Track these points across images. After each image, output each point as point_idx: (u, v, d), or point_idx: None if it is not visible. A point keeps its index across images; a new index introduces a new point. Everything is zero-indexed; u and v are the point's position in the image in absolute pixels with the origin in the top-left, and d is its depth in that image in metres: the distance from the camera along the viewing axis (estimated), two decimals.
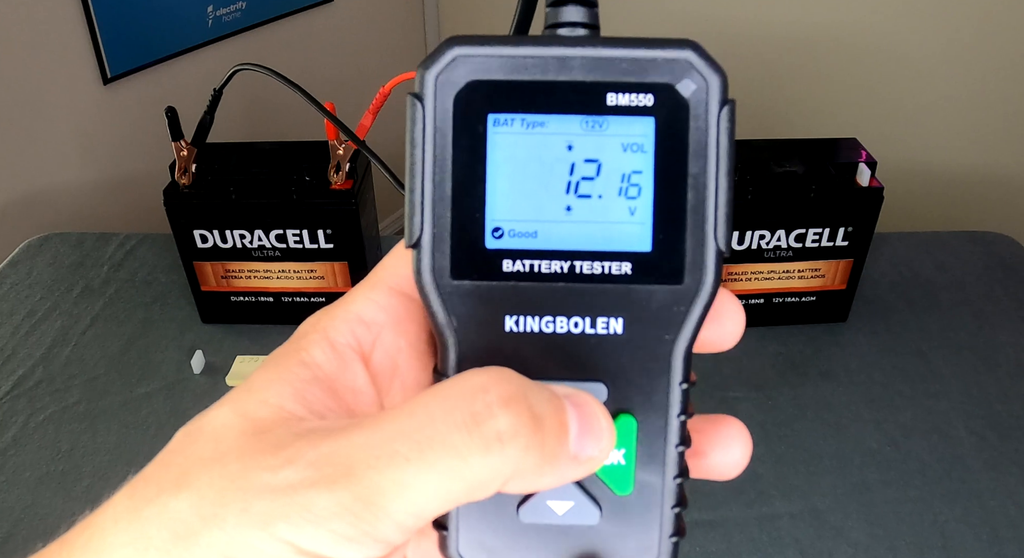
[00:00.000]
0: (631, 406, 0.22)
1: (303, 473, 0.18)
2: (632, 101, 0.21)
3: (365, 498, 0.18)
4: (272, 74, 0.69)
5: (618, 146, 0.21)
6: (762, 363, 0.79)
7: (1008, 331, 0.82)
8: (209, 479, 0.19)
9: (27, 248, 0.96)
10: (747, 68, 1.67)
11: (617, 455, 0.22)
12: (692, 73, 0.21)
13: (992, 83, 1.56)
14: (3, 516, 0.64)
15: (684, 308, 0.22)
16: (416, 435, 0.18)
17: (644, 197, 0.21)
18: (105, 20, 1.25)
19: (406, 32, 1.97)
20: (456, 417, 0.19)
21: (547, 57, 0.21)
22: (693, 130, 0.21)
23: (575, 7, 0.22)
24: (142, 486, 0.19)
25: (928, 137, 1.63)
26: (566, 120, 0.21)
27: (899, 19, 1.56)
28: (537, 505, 0.22)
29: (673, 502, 0.22)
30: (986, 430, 0.71)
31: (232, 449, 0.19)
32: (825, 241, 0.77)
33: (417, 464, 0.18)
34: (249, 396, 0.21)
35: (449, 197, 0.21)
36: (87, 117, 1.30)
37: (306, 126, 1.12)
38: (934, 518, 0.64)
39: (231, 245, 0.78)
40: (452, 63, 0.21)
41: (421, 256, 0.21)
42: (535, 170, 0.21)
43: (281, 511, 0.18)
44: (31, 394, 0.75)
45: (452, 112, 0.21)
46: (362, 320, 0.22)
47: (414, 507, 0.18)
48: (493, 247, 0.21)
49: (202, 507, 0.18)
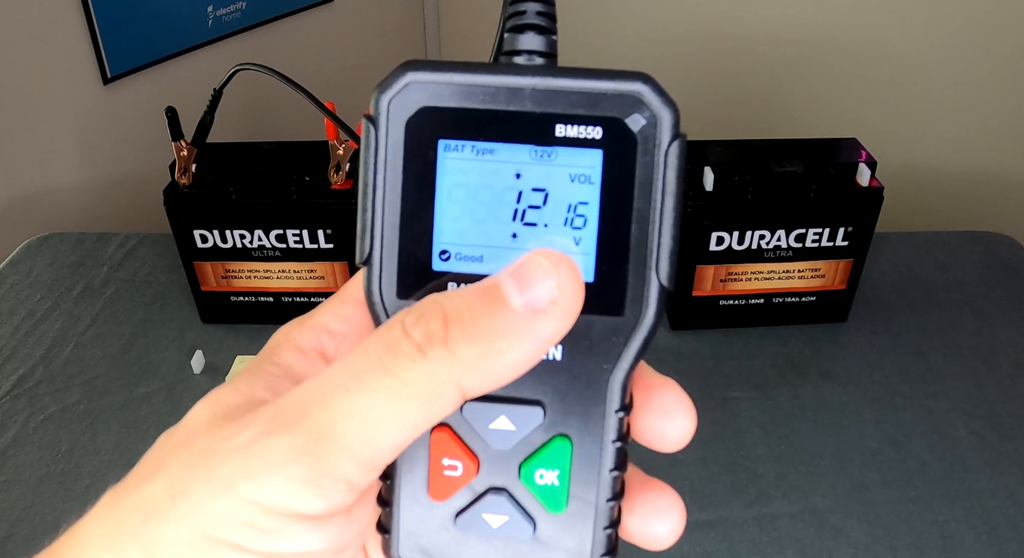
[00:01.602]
0: (567, 430, 0.22)
1: (260, 428, 0.19)
2: (581, 133, 0.21)
3: (316, 434, 0.18)
4: (272, 74, 0.69)
5: (566, 176, 0.21)
6: (762, 363, 0.79)
7: (1008, 331, 0.82)
8: (179, 460, 0.19)
9: (27, 248, 0.96)
10: (747, 68, 1.67)
11: (551, 475, 0.22)
12: (642, 108, 0.21)
13: (992, 83, 1.56)
14: (3, 516, 0.64)
15: (623, 339, 0.22)
16: (353, 366, 0.19)
17: (589, 228, 0.21)
18: (105, 20, 1.25)
19: (406, 32, 1.97)
20: (385, 341, 0.19)
21: (499, 86, 0.21)
22: (640, 165, 0.21)
23: (533, 35, 0.22)
24: (123, 484, 0.20)
25: (928, 137, 1.63)
26: (516, 149, 0.21)
27: (899, 19, 1.56)
28: (473, 517, 0.22)
29: (606, 523, 0.23)
30: (986, 430, 0.71)
31: (201, 432, 0.20)
32: (825, 241, 0.77)
33: (356, 390, 0.19)
34: (222, 389, 0.22)
35: (399, 219, 0.22)
36: (87, 117, 1.30)
37: (306, 126, 1.12)
38: (934, 518, 0.64)
39: (231, 245, 0.78)
40: (406, 88, 0.21)
41: (371, 274, 0.22)
42: (483, 196, 0.22)
43: (242, 469, 0.18)
44: (31, 394, 0.75)
45: (404, 136, 0.21)
46: (328, 330, 0.23)
47: (364, 434, 0.18)
48: (439, 269, 0.22)
49: (172, 485, 0.19)
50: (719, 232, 0.75)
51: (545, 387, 0.22)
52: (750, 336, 0.82)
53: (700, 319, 0.82)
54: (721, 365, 0.79)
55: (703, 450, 0.69)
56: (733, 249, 0.77)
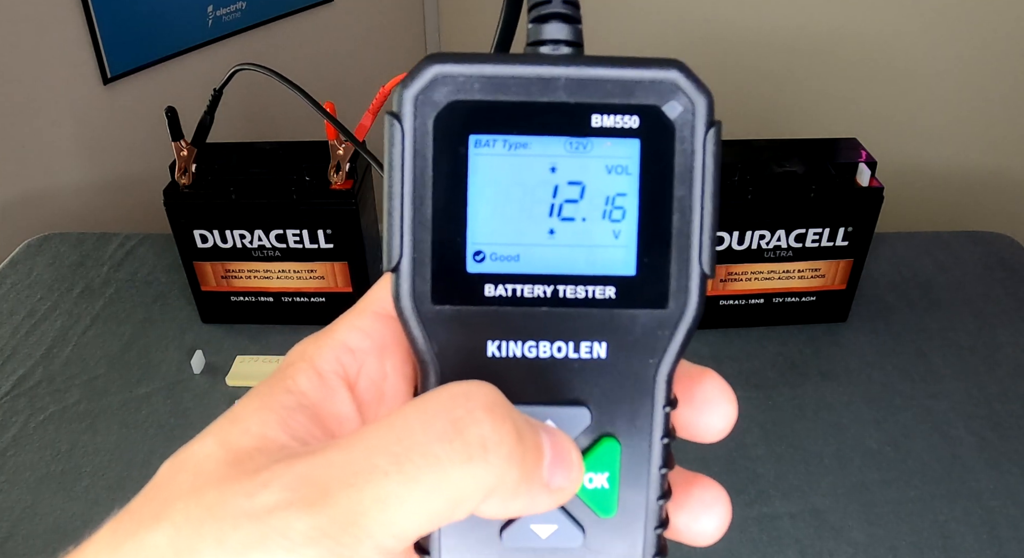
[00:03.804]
0: (614, 430, 0.22)
1: (278, 495, 0.17)
2: (617, 123, 0.21)
3: (343, 520, 0.17)
4: (272, 74, 0.69)
5: (602, 168, 0.21)
6: (762, 363, 0.79)
7: (1008, 331, 0.82)
8: (186, 510, 0.18)
9: (27, 248, 0.96)
10: (748, 68, 1.67)
11: (601, 478, 0.22)
12: (678, 94, 0.20)
13: (992, 83, 1.56)
14: (3, 516, 0.64)
15: (668, 332, 0.21)
16: (395, 448, 0.18)
17: (628, 220, 0.21)
18: (105, 20, 1.25)
19: (406, 32, 1.96)
20: (437, 426, 0.18)
21: (530, 77, 0.20)
22: (679, 152, 0.21)
23: (558, 24, 0.22)
24: (125, 521, 0.19)
25: (928, 137, 1.63)
26: (549, 142, 0.21)
27: (899, 19, 1.56)
28: (520, 529, 0.22)
29: (656, 523, 0.22)
30: (986, 430, 0.71)
31: (211, 479, 0.19)
32: (825, 241, 0.77)
33: (396, 477, 0.17)
34: (232, 426, 0.20)
35: (429, 220, 0.21)
36: (87, 117, 1.30)
37: (306, 126, 1.12)
38: (934, 518, 0.64)
39: (231, 245, 0.78)
40: (432, 82, 0.20)
41: (400, 281, 0.21)
42: (518, 192, 0.21)
43: (257, 539, 0.17)
44: (31, 394, 0.75)
45: (432, 133, 0.20)
46: (347, 347, 0.22)
47: (395, 527, 0.17)
48: (474, 271, 0.21)
49: (178, 540, 0.18)
50: (719, 232, 0.75)
51: (590, 387, 0.21)
52: (750, 336, 0.82)
53: (700, 319, 0.82)
54: (721, 365, 0.79)
55: (703, 450, 0.69)
56: (733, 249, 0.77)
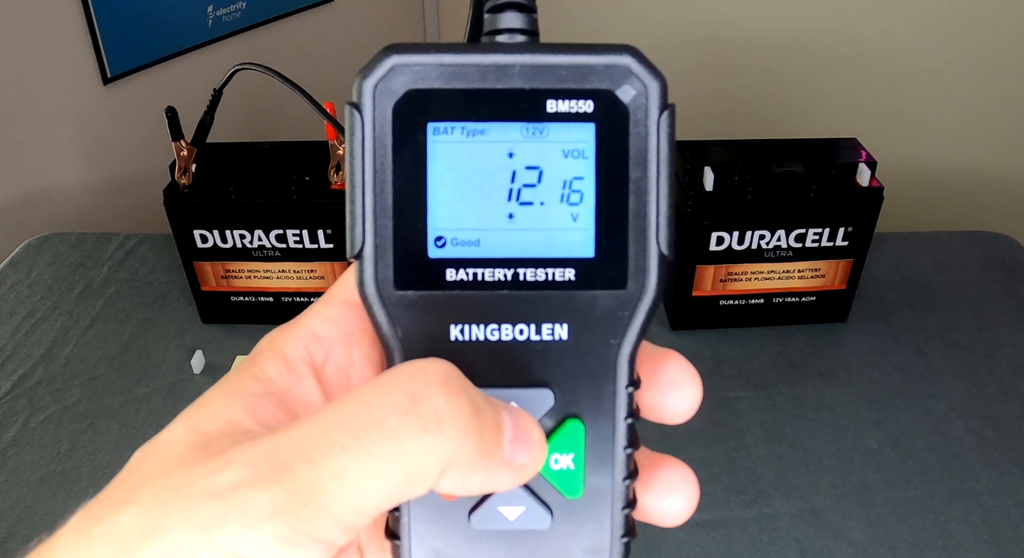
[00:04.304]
0: (579, 411, 0.22)
1: (239, 473, 0.18)
2: (572, 107, 0.21)
3: (302, 494, 0.17)
4: (272, 74, 0.69)
5: (559, 152, 0.21)
6: (762, 363, 0.79)
7: (1008, 331, 0.82)
8: (152, 492, 0.18)
9: (27, 248, 0.96)
10: (748, 68, 1.67)
11: (566, 459, 0.22)
12: (632, 79, 0.21)
13: (992, 83, 1.56)
14: (3, 516, 0.64)
15: (628, 313, 0.22)
16: (352, 422, 0.18)
17: (586, 203, 0.21)
18: (105, 20, 1.25)
19: (406, 32, 1.96)
20: (393, 400, 0.18)
21: (486, 65, 0.21)
22: (634, 135, 0.21)
23: (513, 13, 0.22)
24: (95, 507, 0.19)
25: (928, 137, 1.63)
26: (506, 127, 0.21)
27: (899, 19, 1.56)
28: (488, 511, 0.22)
29: (623, 503, 0.22)
30: (986, 430, 0.71)
31: (178, 462, 0.19)
32: (825, 241, 0.77)
33: (353, 452, 0.17)
34: (200, 412, 0.21)
35: (390, 207, 0.21)
36: (87, 117, 1.30)
37: (306, 126, 1.12)
38: (934, 518, 0.64)
39: (231, 245, 0.78)
40: (391, 72, 0.21)
41: (364, 267, 0.21)
42: (476, 178, 0.21)
43: (219, 516, 0.17)
44: (31, 394, 0.75)
45: (391, 121, 0.21)
46: (315, 335, 0.22)
47: (354, 501, 0.18)
48: (436, 256, 0.21)
49: (145, 521, 0.18)
50: (719, 232, 0.75)
51: (553, 369, 0.22)
52: (750, 336, 0.82)
53: (700, 319, 0.82)
54: (721, 365, 0.79)
55: (703, 450, 0.69)
56: (733, 249, 0.77)
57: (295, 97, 0.69)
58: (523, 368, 0.22)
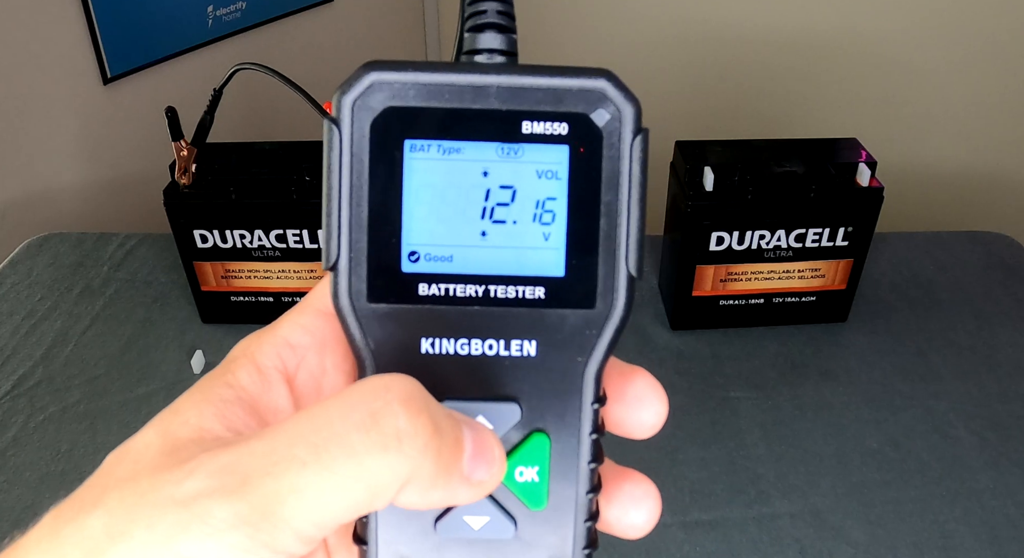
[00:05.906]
0: (544, 425, 0.22)
1: (202, 483, 0.18)
2: (547, 129, 0.21)
3: (262, 507, 0.18)
4: (272, 74, 0.69)
5: (533, 173, 0.22)
6: (762, 363, 0.79)
7: (1008, 331, 0.82)
8: (120, 496, 0.19)
9: (27, 248, 0.96)
10: (748, 68, 1.67)
11: (531, 472, 0.22)
12: (606, 103, 0.21)
13: (992, 83, 1.56)
14: (3, 516, 0.64)
15: (596, 332, 0.22)
16: (313, 438, 0.18)
17: (558, 223, 0.22)
18: (105, 20, 1.25)
19: (406, 32, 1.96)
20: (355, 417, 0.18)
21: (464, 85, 0.21)
22: (606, 158, 0.21)
23: (493, 34, 0.22)
24: (66, 507, 0.20)
25: (928, 137, 1.63)
26: (482, 147, 0.21)
27: (899, 19, 1.56)
28: (454, 520, 0.22)
29: (585, 516, 0.23)
30: (986, 430, 0.71)
31: (147, 468, 0.19)
32: (825, 241, 0.77)
33: (314, 467, 0.18)
34: (172, 418, 0.21)
35: (366, 221, 0.22)
36: (87, 117, 1.30)
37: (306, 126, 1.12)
38: (934, 518, 0.64)
39: (231, 245, 0.78)
40: (369, 89, 0.21)
41: (339, 279, 0.22)
42: (451, 195, 0.22)
43: (182, 525, 0.18)
44: (31, 394, 0.75)
45: (369, 138, 0.21)
46: (288, 343, 0.23)
47: (313, 515, 0.18)
48: (409, 271, 0.22)
49: (112, 525, 0.18)
50: (719, 232, 0.75)
51: (520, 384, 0.22)
52: (750, 336, 0.82)
53: (700, 319, 0.82)
54: (721, 365, 0.79)
55: (703, 450, 0.69)
56: (733, 249, 0.77)
57: (295, 97, 0.69)
58: (491, 382, 0.22)
